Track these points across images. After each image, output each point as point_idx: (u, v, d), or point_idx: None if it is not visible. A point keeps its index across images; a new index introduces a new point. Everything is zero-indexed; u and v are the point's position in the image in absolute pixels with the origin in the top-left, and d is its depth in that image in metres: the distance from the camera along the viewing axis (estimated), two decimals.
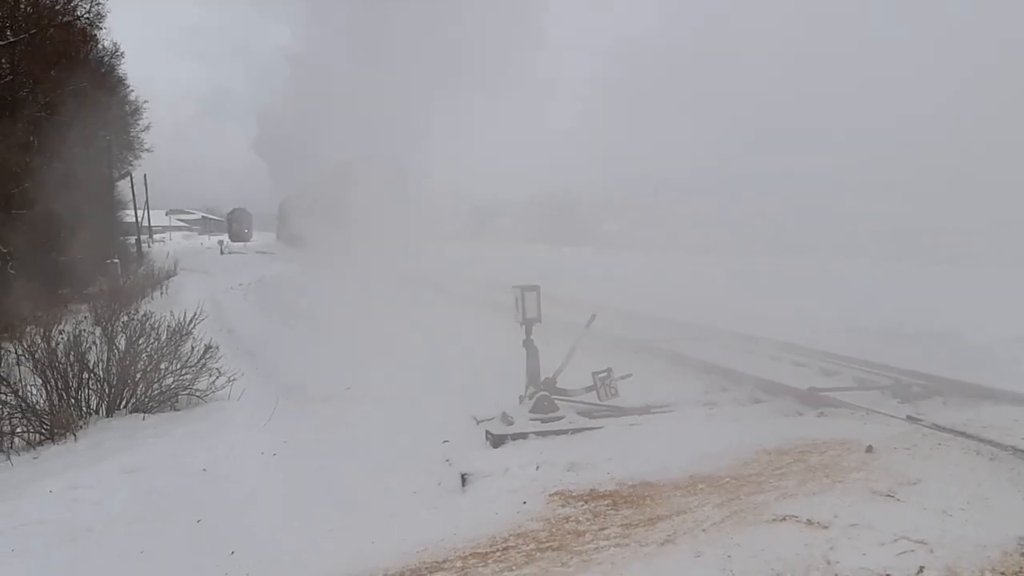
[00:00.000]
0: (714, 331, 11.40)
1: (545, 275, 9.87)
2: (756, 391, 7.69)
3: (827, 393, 7.40)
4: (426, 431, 7.06)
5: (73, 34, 27.99)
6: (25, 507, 5.98)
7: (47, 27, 23.33)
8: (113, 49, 37.20)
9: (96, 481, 6.47)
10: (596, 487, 5.20)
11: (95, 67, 33.16)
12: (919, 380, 7.73)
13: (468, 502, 5.33)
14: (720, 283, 17.02)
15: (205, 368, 9.32)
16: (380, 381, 9.09)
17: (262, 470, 6.74)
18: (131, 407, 8.85)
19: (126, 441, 7.61)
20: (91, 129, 31.30)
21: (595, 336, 8.34)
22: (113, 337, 9.04)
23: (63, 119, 25.53)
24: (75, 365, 8.71)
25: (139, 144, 42.70)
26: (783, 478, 4.95)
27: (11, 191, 21.60)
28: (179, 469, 6.76)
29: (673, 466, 5.43)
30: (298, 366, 10.78)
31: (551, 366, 7.06)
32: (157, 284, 26.01)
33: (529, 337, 7.05)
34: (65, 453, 7.56)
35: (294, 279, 22.85)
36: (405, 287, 21.44)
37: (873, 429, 6.00)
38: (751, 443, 5.85)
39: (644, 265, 27.12)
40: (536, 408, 6.75)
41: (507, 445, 6.27)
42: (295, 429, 7.96)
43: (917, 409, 6.76)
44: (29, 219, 22.46)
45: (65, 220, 25.48)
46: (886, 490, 4.48)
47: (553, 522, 4.69)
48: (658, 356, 9.83)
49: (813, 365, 9.04)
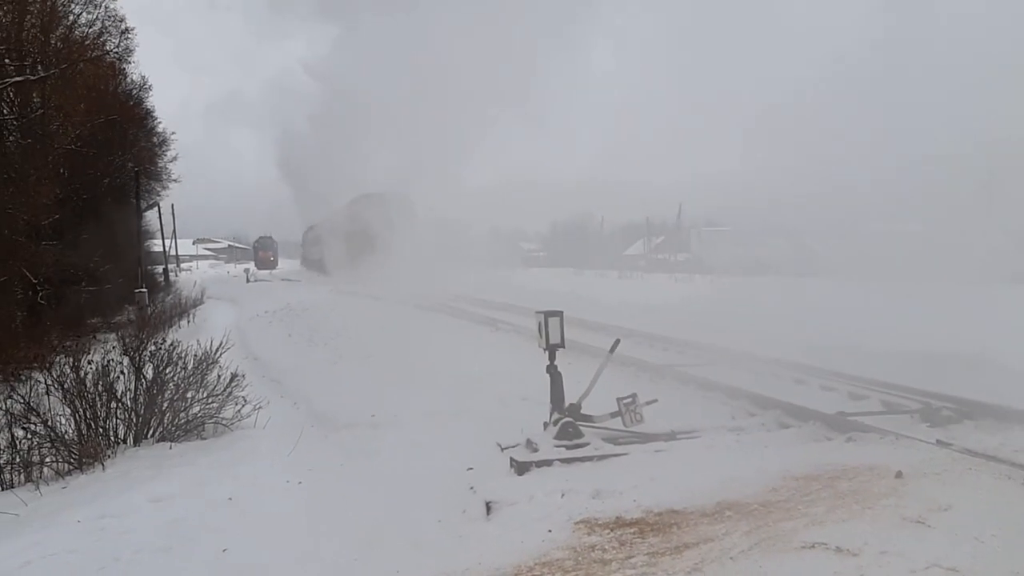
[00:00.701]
0: (736, 354, 11.31)
1: (571, 302, 9.85)
2: (783, 416, 7.61)
3: (855, 418, 7.31)
4: (450, 458, 7.06)
5: (102, 69, 28.63)
6: (54, 536, 6.02)
7: (77, 62, 23.85)
8: (141, 82, 38.00)
9: (124, 510, 6.50)
10: (622, 515, 5.16)
11: (124, 100, 33.84)
12: (949, 404, 7.61)
13: (493, 530, 5.30)
14: (748, 304, 16.90)
15: (231, 397, 9.37)
16: (404, 407, 9.10)
17: (287, 499, 6.75)
18: (158, 436, 8.91)
19: (153, 470, 7.66)
20: (120, 160, 31.89)
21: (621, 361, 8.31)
22: (141, 367, 9.12)
23: (92, 151, 26.02)
24: (103, 395, 8.79)
25: (167, 174, 43.47)
26: (812, 504, 4.88)
27: (42, 222, 21.98)
28: (205, 498, 6.79)
29: (700, 493, 5.37)
30: (323, 393, 10.82)
31: (578, 390, 7.03)
32: (184, 313, 26.28)
33: (553, 363, 7.03)
34: (93, 482, 7.61)
35: (319, 306, 22.97)
36: (428, 312, 21.50)
37: (903, 454, 5.92)
38: (779, 469, 5.79)
39: (671, 289, 27.06)
40: (561, 434, 6.72)
41: (532, 472, 6.24)
42: (320, 457, 7.98)
43: (947, 433, 6.66)
44: (59, 250, 22.84)
45: (94, 250, 25.89)
46: (917, 516, 4.41)
47: (579, 551, 4.65)
48: (687, 382, 9.77)
49: (841, 389, 8.94)
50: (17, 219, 19.92)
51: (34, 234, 22.35)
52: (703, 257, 56.08)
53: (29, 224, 21.17)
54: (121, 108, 31.16)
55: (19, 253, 20.19)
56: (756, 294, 22.47)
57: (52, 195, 21.59)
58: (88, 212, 28.87)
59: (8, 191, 19.32)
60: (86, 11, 28.98)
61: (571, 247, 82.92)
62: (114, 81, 32.39)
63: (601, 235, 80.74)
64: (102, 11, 29.83)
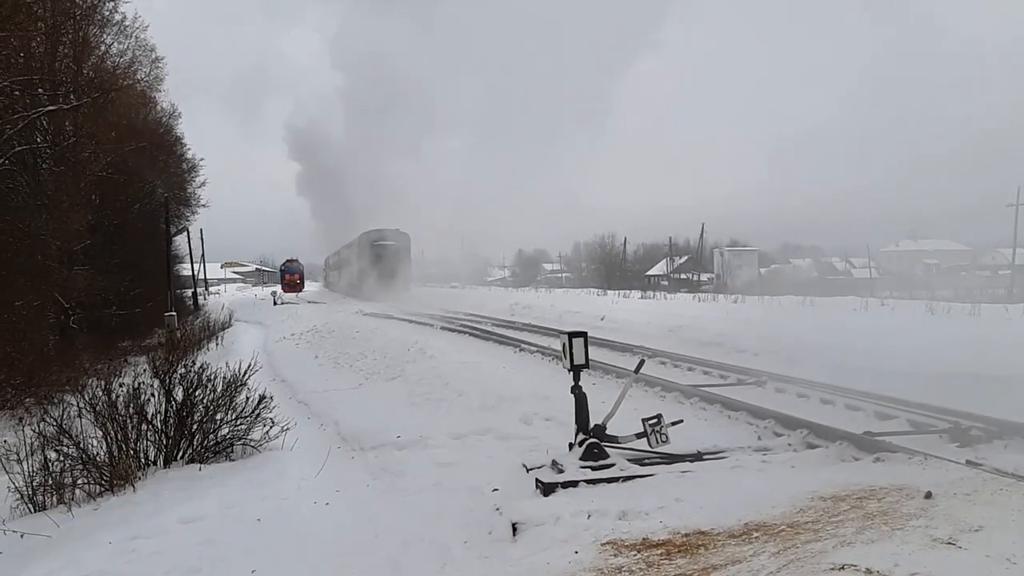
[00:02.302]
0: (760, 374, 11.26)
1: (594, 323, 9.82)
2: (810, 436, 7.56)
3: (883, 437, 7.24)
4: (476, 479, 7.08)
5: (133, 97, 29.21)
6: (86, 558, 6.11)
7: (109, 91, 24.34)
8: (171, 110, 38.76)
9: (154, 532, 6.58)
10: (649, 536, 5.14)
11: (154, 128, 34.47)
12: (978, 423, 7.53)
13: (519, 552, 5.31)
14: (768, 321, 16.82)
15: (259, 418, 9.46)
16: (429, 428, 9.13)
17: (315, 520, 6.81)
18: (188, 458, 9.02)
19: (183, 492, 7.74)
20: (150, 187, 32.43)
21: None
22: (171, 389, 9.24)
23: (123, 178, 26.48)
24: (134, 417, 8.91)
25: (196, 200, 44.13)
26: (840, 525, 4.85)
27: (74, 248, 22.39)
28: (235, 519, 6.86)
29: (727, 514, 5.35)
30: (349, 415, 10.89)
31: (603, 410, 7.04)
32: (213, 335, 26.57)
33: (577, 383, 7.04)
34: (124, 504, 7.70)
35: (344, 328, 23.11)
36: (452, 334, 21.58)
37: (932, 474, 5.85)
38: (806, 490, 5.75)
39: (695, 308, 26.96)
40: (586, 455, 6.72)
41: (558, 493, 6.24)
42: (347, 478, 8.04)
43: (977, 453, 6.60)
44: (90, 274, 23.22)
45: (124, 275, 26.29)
46: (947, 537, 4.37)
47: (606, 572, 4.65)
48: (712, 402, 9.73)
49: (867, 408, 8.86)
50: (50, 245, 20.31)
51: (66, 259, 22.78)
52: (726, 277, 55.82)
53: (61, 250, 21.59)
54: (151, 135, 31.73)
55: (52, 278, 20.57)
56: (778, 313, 22.40)
57: (84, 221, 22.02)
58: (119, 237, 29.35)
59: (41, 217, 19.71)
60: (117, 41, 29.71)
61: (593, 268, 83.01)
62: (144, 109, 33.04)
63: (623, 255, 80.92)
64: (133, 41, 30.58)
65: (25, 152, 20.60)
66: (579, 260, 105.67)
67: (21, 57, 19.64)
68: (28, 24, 19.33)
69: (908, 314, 21.93)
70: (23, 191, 20.63)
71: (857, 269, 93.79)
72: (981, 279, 70.93)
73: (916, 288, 21.28)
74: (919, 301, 26.08)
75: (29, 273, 19.16)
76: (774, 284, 26.37)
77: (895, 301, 28.60)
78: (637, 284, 73.74)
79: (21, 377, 15.59)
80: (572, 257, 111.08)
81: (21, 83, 19.62)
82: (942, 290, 27.25)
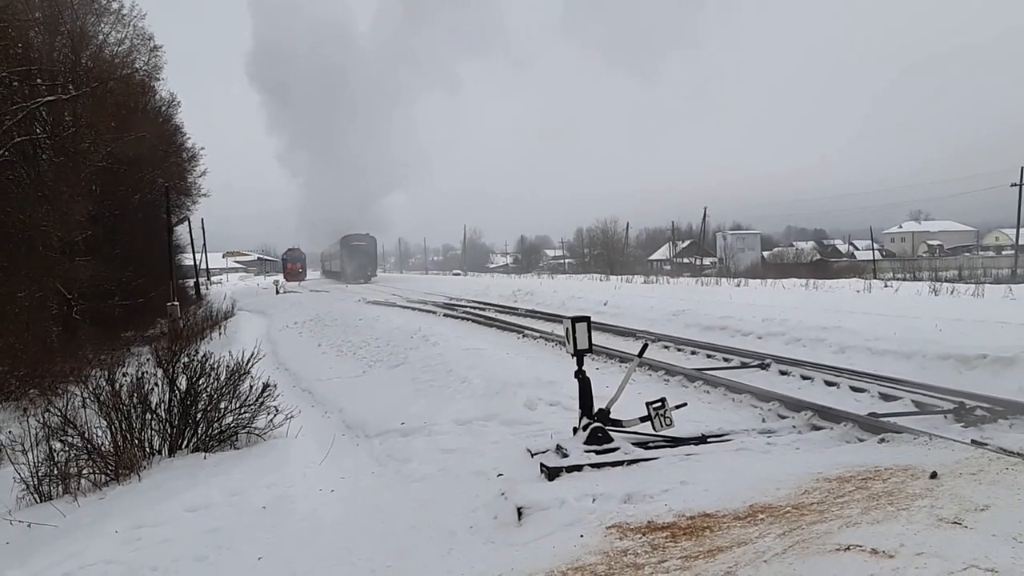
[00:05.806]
0: (764, 356, 11.25)
1: (598, 308, 9.79)
2: (815, 418, 7.55)
3: (888, 419, 7.23)
4: (481, 464, 7.08)
5: (132, 86, 29.12)
6: (92, 547, 6.12)
7: (107, 80, 24.25)
8: (170, 99, 38.60)
9: (160, 520, 6.59)
10: (654, 519, 5.14)
11: (153, 117, 34.36)
12: (983, 403, 7.51)
13: (524, 536, 5.31)
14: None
15: (263, 406, 9.46)
16: (433, 414, 9.13)
17: (320, 507, 6.82)
18: (192, 447, 9.02)
19: (188, 480, 7.75)
20: (150, 176, 32.37)
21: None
22: (174, 378, 9.24)
23: (123, 168, 26.42)
24: (138, 407, 8.92)
25: (196, 189, 44.01)
26: (845, 506, 4.84)
27: (75, 238, 22.37)
28: (240, 507, 6.87)
29: (732, 496, 5.34)
30: (353, 402, 10.89)
31: (607, 394, 7.03)
32: (215, 325, 26.57)
33: (581, 368, 7.03)
34: (130, 493, 7.72)
35: (347, 316, 23.10)
36: (455, 321, 21.58)
37: (937, 455, 5.85)
38: (811, 471, 5.75)
39: (697, 292, 26.92)
40: (590, 440, 6.72)
41: (562, 478, 6.24)
42: (352, 465, 8.05)
43: (982, 433, 6.58)
44: (92, 265, 23.21)
45: (126, 265, 26.28)
46: (953, 517, 4.36)
47: (611, 555, 4.65)
48: (716, 385, 9.73)
49: (872, 390, 8.85)
50: (51, 236, 20.31)
51: (68, 250, 22.77)
52: (728, 261, 55.66)
53: (63, 240, 21.58)
54: (151, 125, 31.62)
55: (54, 269, 20.56)
56: (781, 296, 22.37)
57: (85, 212, 21.96)
58: (120, 227, 29.32)
59: (42, 208, 19.68)
60: (115, 30, 29.59)
61: (596, 253, 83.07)
62: (144, 98, 32.91)
63: (626, 240, 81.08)
64: (131, 30, 30.45)
65: (25, 143, 20.54)
66: (581, 246, 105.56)
67: (19, 48, 19.55)
68: (26, 14, 19.26)
69: (911, 295, 21.92)
70: (24, 182, 20.60)
71: (860, 252, 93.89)
72: (985, 259, 70.87)
73: (920, 270, 21.15)
74: (923, 283, 26.03)
75: (31, 264, 19.16)
76: (776, 267, 26.34)
77: (898, 283, 28.58)
78: (640, 269, 73.70)
79: (25, 368, 15.61)
80: (574, 243, 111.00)
81: (20, 74, 19.57)
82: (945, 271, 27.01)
